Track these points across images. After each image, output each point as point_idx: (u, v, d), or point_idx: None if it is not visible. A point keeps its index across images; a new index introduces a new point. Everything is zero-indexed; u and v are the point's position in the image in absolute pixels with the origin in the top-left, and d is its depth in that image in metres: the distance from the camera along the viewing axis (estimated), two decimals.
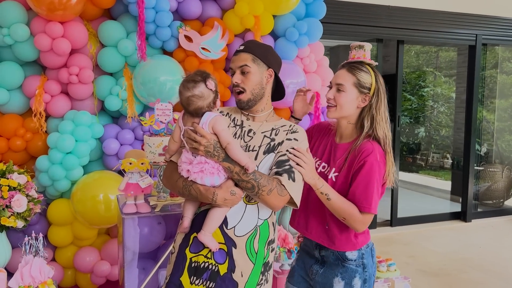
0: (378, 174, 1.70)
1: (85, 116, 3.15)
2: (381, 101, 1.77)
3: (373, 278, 1.87)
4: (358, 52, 1.82)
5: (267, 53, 1.69)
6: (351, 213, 1.69)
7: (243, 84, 1.64)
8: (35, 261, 2.10)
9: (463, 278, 4.02)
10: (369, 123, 1.76)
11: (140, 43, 3.16)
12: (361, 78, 1.76)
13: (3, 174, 2.22)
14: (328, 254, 1.84)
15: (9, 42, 3.03)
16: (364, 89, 1.77)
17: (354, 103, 1.78)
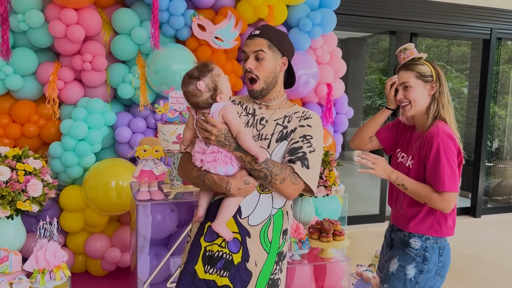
0: (446, 152, 1.79)
1: (98, 104, 3.16)
2: (443, 85, 1.90)
3: (438, 278, 1.94)
4: (405, 53, 1.99)
5: (282, 40, 1.65)
6: (428, 196, 1.80)
7: (257, 71, 1.61)
8: (50, 245, 2.12)
9: (472, 273, 4.00)
10: (435, 106, 1.89)
11: (153, 31, 3.16)
12: (420, 70, 1.90)
13: (19, 159, 2.24)
14: (396, 237, 1.99)
15: (24, 28, 3.04)
16: (427, 77, 1.90)
17: (424, 93, 1.91)
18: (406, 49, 1.99)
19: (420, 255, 1.89)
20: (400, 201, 1.98)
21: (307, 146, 1.58)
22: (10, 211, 2.19)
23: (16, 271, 2.14)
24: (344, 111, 4.18)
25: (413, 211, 1.92)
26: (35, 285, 2.04)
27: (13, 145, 3.20)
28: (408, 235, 1.93)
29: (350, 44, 8.96)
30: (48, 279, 2.08)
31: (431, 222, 1.89)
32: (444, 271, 1.94)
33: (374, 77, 10.03)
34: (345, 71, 4.14)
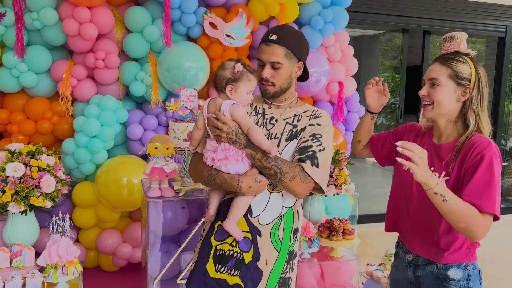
0: (498, 170, 1.50)
1: (110, 101, 3.19)
2: (483, 93, 1.59)
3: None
4: (452, 43, 1.65)
5: (299, 44, 1.63)
6: (472, 216, 1.43)
7: (273, 79, 1.61)
8: (62, 240, 2.16)
9: (484, 273, 3.93)
10: (475, 119, 1.58)
11: (165, 29, 3.17)
12: (458, 69, 1.57)
13: (32, 155, 2.27)
14: (426, 273, 1.64)
15: (38, 26, 3.08)
16: (463, 80, 1.57)
17: (453, 97, 1.59)
18: (453, 38, 1.64)
19: (465, 285, 1.61)
20: (432, 226, 1.61)
21: (316, 145, 1.58)
22: (24, 206, 2.23)
23: (29, 266, 2.18)
24: (356, 109, 4.16)
25: (450, 238, 1.58)
26: (48, 279, 2.07)
27: (27, 142, 3.25)
28: (444, 267, 1.61)
29: (363, 41, 8.90)
30: (61, 274, 2.12)
31: (467, 246, 1.61)
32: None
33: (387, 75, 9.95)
34: (356, 69, 4.11)
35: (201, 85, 3.45)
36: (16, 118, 3.25)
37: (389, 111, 9.57)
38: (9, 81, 3.15)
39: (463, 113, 1.60)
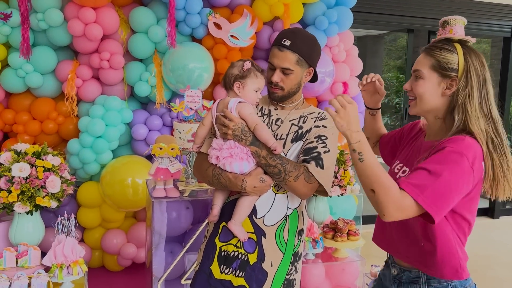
0: (455, 168, 1.24)
1: (115, 101, 3.20)
2: (472, 86, 1.34)
3: None
4: (445, 29, 1.43)
5: (312, 51, 1.61)
6: (386, 187, 1.23)
7: (282, 84, 1.61)
8: (68, 240, 2.16)
9: (489, 275, 3.94)
10: (460, 115, 1.35)
11: (170, 30, 3.18)
12: (442, 59, 1.37)
13: (38, 156, 2.28)
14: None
15: (44, 27, 3.09)
16: (448, 71, 1.36)
17: (437, 91, 1.39)
18: (446, 24, 1.43)
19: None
20: (414, 232, 1.41)
21: (321, 146, 1.58)
22: (29, 206, 2.23)
23: (35, 265, 2.19)
24: (360, 109, 4.14)
25: (431, 246, 1.39)
26: (53, 279, 2.08)
27: (33, 142, 3.27)
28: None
29: (367, 41, 8.87)
30: (66, 274, 2.12)
31: (458, 259, 1.40)
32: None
33: (391, 75, 9.92)
34: (361, 69, 4.10)
35: (206, 86, 3.45)
36: (22, 118, 3.27)
37: (393, 111, 9.55)
38: (15, 81, 3.17)
39: (451, 109, 1.38)
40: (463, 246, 1.42)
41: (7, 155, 2.26)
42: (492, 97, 1.38)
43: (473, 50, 1.39)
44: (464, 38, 1.39)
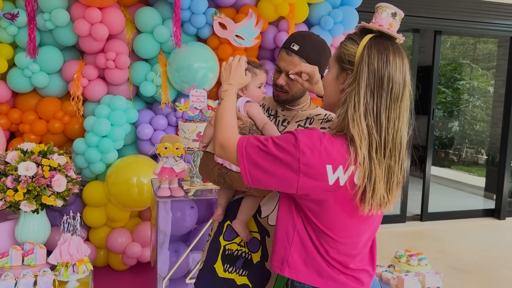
0: (282, 157, 1.13)
1: (120, 101, 3.22)
2: (360, 83, 1.15)
3: None
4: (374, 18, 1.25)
5: (320, 57, 1.58)
6: (226, 124, 1.28)
7: (287, 87, 1.60)
8: (73, 239, 2.18)
9: (495, 276, 3.92)
10: (341, 113, 1.18)
11: (175, 30, 3.19)
12: (344, 49, 1.22)
13: (44, 155, 2.30)
14: None
15: (50, 27, 3.11)
16: (345, 63, 1.21)
17: (335, 84, 1.25)
18: (376, 10, 1.26)
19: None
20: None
21: None
22: (35, 205, 2.25)
23: (40, 264, 2.20)
24: None
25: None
26: (59, 277, 2.10)
27: (39, 141, 3.29)
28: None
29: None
30: (71, 272, 2.14)
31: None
32: None
33: None
34: None
35: (211, 86, 3.46)
36: (28, 118, 3.29)
37: None
38: (21, 81, 3.19)
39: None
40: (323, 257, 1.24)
41: (13, 154, 2.28)
42: (389, 102, 1.16)
43: (380, 44, 1.18)
44: (375, 27, 1.21)
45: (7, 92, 3.25)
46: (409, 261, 2.70)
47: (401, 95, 1.16)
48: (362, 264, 1.28)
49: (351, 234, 1.22)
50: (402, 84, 1.17)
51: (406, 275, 2.50)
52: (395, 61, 1.17)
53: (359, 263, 1.26)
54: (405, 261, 2.70)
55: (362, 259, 1.28)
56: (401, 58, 1.18)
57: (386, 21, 1.22)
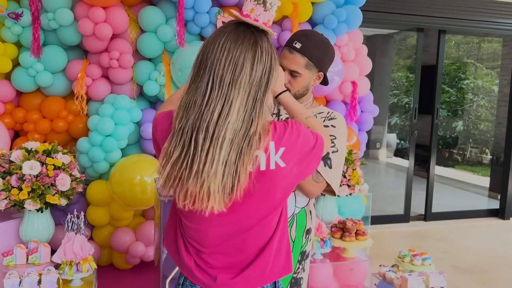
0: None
1: (124, 100, 3.22)
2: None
3: None
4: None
5: (323, 56, 1.59)
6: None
7: (289, 85, 1.60)
8: (77, 238, 2.19)
9: (499, 276, 3.90)
10: None
11: (178, 29, 3.19)
12: None
13: (48, 154, 2.31)
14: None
15: (54, 26, 3.12)
16: None
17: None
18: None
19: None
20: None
21: (330, 146, 1.57)
22: (40, 204, 2.26)
23: (45, 262, 2.21)
24: (369, 109, 4.13)
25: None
26: (63, 276, 2.10)
27: (43, 140, 3.30)
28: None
29: (376, 41, 8.82)
30: (75, 271, 2.14)
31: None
32: None
33: (401, 74, 9.86)
34: (370, 69, 4.08)
35: None
36: (32, 117, 3.30)
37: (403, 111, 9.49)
38: (26, 80, 3.20)
39: None
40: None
41: (18, 153, 2.28)
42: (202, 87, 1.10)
43: (221, 30, 1.16)
44: (235, 15, 1.17)
45: (12, 92, 3.27)
46: (412, 261, 2.69)
47: (230, 81, 1.08)
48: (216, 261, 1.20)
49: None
50: (233, 70, 1.09)
51: (410, 275, 2.49)
52: (224, 47, 1.10)
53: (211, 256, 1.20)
54: (408, 260, 2.69)
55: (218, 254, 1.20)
56: (237, 43, 1.10)
57: (247, 7, 1.18)
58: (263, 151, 1.12)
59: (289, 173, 1.16)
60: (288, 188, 1.19)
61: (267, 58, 1.13)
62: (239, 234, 1.17)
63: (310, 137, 1.21)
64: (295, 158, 1.16)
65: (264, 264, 1.19)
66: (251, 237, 1.18)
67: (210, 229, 1.17)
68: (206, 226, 1.17)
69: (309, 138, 1.20)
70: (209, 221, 1.15)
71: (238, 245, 1.18)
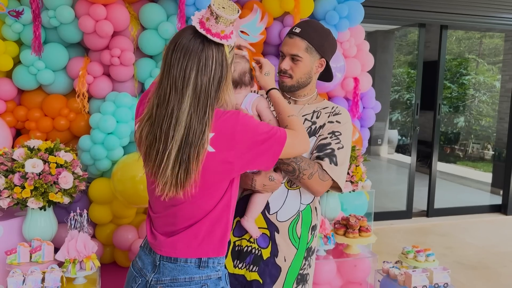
0: None
1: (126, 98, 3.21)
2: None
3: None
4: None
5: (324, 40, 1.59)
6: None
7: (291, 71, 1.59)
8: (80, 236, 2.18)
9: (502, 272, 3.90)
10: None
11: (180, 26, 3.18)
12: None
13: (51, 152, 2.30)
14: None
15: (55, 24, 3.10)
16: None
17: None
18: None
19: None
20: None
21: (335, 142, 1.56)
22: (43, 202, 2.25)
23: (48, 261, 2.20)
24: (371, 105, 4.11)
25: None
26: (67, 274, 2.10)
27: (45, 138, 3.29)
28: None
29: (378, 37, 8.80)
30: (79, 269, 2.14)
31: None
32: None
33: (402, 70, 9.84)
34: (372, 65, 4.07)
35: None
36: (34, 115, 3.29)
37: (404, 107, 9.47)
38: (27, 78, 3.19)
39: None
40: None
41: (20, 151, 2.28)
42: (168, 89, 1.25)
43: (181, 34, 1.27)
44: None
45: (13, 90, 3.25)
46: (416, 257, 2.68)
47: (181, 87, 1.21)
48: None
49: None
50: (182, 76, 1.21)
51: (414, 271, 2.49)
52: (176, 53, 1.23)
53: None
54: (412, 257, 2.69)
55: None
56: (185, 53, 1.22)
57: (205, 15, 1.24)
58: None
59: (220, 159, 1.24)
60: (223, 174, 1.27)
61: (214, 68, 1.22)
62: (171, 207, 1.32)
63: (262, 129, 1.29)
64: (228, 145, 1.24)
65: (190, 238, 1.32)
66: (180, 212, 1.31)
67: (156, 199, 1.34)
68: (153, 196, 1.35)
69: (257, 129, 1.28)
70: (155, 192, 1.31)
71: (171, 216, 1.33)
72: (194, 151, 1.20)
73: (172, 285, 1.29)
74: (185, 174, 1.21)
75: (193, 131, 1.20)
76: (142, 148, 1.28)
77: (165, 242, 1.32)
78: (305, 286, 1.67)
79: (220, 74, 1.23)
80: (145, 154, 1.27)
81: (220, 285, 1.34)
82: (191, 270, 1.30)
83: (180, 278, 1.29)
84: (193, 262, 1.30)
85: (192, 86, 1.20)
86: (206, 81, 1.21)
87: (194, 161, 1.20)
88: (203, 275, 1.30)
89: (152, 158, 1.24)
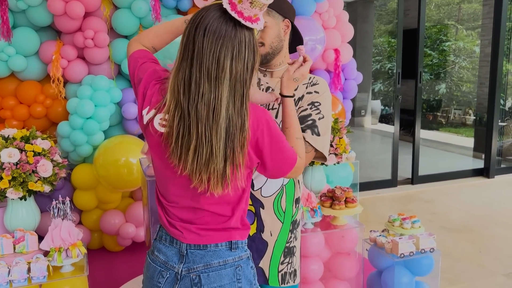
0: None
1: (102, 81, 3.13)
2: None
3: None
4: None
5: (280, 2, 1.57)
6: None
7: (261, 39, 1.57)
8: (64, 224, 2.14)
9: (486, 234, 4.00)
10: None
11: (154, 4, 3.08)
12: None
13: (27, 140, 2.24)
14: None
15: (23, 7, 2.98)
16: None
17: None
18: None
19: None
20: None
21: (316, 113, 1.55)
22: (22, 192, 2.20)
23: (33, 251, 2.17)
24: (353, 76, 4.09)
25: None
26: (53, 263, 2.07)
27: (22, 127, 3.21)
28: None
29: (357, 6, 8.72)
30: (65, 257, 2.11)
31: None
32: None
33: (383, 40, 9.81)
34: (352, 35, 4.03)
35: None
36: (8, 103, 3.19)
37: (386, 77, 9.49)
38: None
39: None
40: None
41: None
42: (199, 74, 1.16)
43: (210, 15, 1.14)
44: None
45: None
46: (402, 225, 2.72)
47: (215, 76, 1.12)
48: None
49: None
50: (216, 64, 1.12)
51: (400, 238, 2.52)
52: (207, 38, 1.12)
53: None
54: (398, 224, 2.72)
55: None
56: (217, 38, 1.12)
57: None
58: None
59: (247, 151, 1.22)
60: (246, 164, 1.23)
61: (246, 54, 1.14)
62: (195, 197, 1.26)
63: (283, 139, 1.28)
64: (252, 140, 1.21)
65: (216, 223, 1.28)
66: (204, 201, 1.25)
67: (177, 188, 1.27)
68: (172, 186, 1.29)
69: (280, 136, 1.27)
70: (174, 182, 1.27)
71: (193, 204, 1.27)
72: (238, 144, 1.14)
73: (206, 271, 1.26)
74: (233, 170, 1.16)
75: (234, 123, 1.13)
76: (169, 139, 1.16)
77: (189, 230, 1.28)
78: (293, 259, 1.68)
79: (253, 60, 1.15)
80: (175, 146, 1.15)
81: (250, 265, 1.33)
82: (224, 253, 1.27)
83: (213, 262, 1.26)
84: (223, 245, 1.28)
85: (229, 75, 1.11)
86: (241, 69, 1.12)
87: (239, 155, 1.15)
88: (236, 256, 1.29)
89: (188, 152, 1.14)
